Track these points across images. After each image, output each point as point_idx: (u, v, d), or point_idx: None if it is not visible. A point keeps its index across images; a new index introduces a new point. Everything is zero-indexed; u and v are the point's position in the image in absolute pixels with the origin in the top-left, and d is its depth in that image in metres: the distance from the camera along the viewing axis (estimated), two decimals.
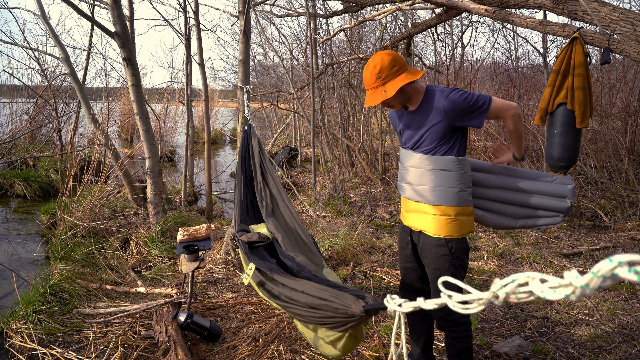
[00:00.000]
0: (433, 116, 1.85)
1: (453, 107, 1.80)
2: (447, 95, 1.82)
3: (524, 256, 3.95)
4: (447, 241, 1.89)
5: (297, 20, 19.55)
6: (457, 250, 1.90)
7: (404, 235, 2.10)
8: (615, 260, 0.53)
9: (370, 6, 5.13)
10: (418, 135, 1.92)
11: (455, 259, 1.91)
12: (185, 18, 5.93)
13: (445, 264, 1.90)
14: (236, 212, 2.87)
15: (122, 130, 13.47)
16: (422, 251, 1.99)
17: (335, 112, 7.69)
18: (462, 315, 1.98)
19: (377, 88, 1.86)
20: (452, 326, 1.98)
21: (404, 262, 2.14)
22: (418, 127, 1.92)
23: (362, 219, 4.96)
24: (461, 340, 1.99)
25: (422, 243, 1.98)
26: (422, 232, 1.97)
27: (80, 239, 4.06)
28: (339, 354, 1.79)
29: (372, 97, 1.88)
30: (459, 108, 1.80)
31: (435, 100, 1.85)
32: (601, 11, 2.68)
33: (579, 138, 2.61)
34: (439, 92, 1.85)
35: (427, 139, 1.89)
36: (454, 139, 1.88)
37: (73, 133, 7.24)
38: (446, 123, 1.83)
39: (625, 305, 3.05)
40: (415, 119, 1.93)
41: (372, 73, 1.86)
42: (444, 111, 1.82)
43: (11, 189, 6.88)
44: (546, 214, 2.06)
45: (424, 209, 1.93)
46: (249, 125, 3.08)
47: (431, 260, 1.94)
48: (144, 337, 2.66)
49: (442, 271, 1.91)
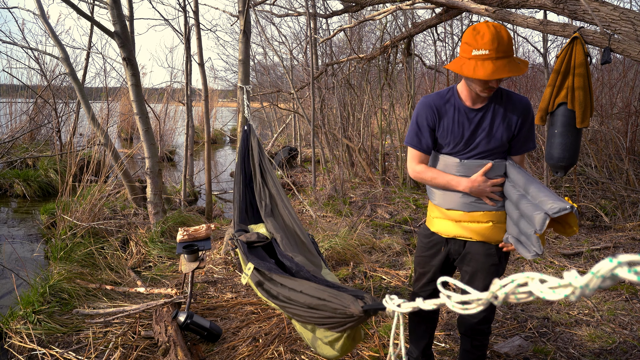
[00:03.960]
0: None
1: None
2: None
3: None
4: (497, 249, 1.84)
5: (297, 20, 19.56)
6: (502, 257, 1.87)
7: (435, 244, 1.97)
8: (615, 261, 0.52)
9: (370, 6, 5.13)
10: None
11: (501, 268, 1.88)
12: (185, 18, 5.93)
13: (495, 272, 1.85)
14: (235, 212, 2.87)
15: (122, 130, 13.47)
16: (464, 259, 1.90)
17: (335, 112, 7.68)
18: (489, 324, 1.96)
19: (511, 58, 1.60)
20: (478, 334, 1.96)
21: (426, 270, 2.02)
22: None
23: (362, 219, 4.96)
24: (480, 348, 1.99)
25: (466, 251, 1.88)
26: (468, 241, 1.87)
27: (79, 239, 4.06)
28: (337, 355, 1.79)
29: (506, 67, 1.58)
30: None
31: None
32: (602, 11, 2.67)
33: (579, 138, 2.61)
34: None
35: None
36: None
37: (73, 133, 7.23)
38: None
39: (626, 306, 3.05)
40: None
41: (509, 38, 1.59)
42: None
43: (11, 189, 6.88)
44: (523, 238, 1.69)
45: (480, 218, 1.82)
46: (249, 125, 3.07)
47: (478, 269, 1.86)
48: (143, 337, 2.66)
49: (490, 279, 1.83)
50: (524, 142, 1.82)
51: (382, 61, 6.88)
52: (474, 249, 1.85)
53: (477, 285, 1.85)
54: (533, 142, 1.84)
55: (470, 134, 1.77)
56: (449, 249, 1.93)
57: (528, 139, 1.82)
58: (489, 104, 1.77)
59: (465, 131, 1.77)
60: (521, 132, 1.79)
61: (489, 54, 1.57)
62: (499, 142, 1.77)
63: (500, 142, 1.77)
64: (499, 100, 1.77)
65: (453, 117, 1.79)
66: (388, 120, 7.59)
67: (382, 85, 6.94)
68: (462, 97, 1.79)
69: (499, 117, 1.76)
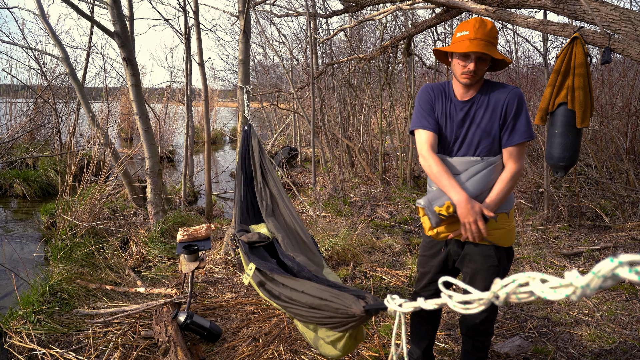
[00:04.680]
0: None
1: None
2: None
3: (524, 256, 3.94)
4: (496, 250, 1.83)
5: (297, 20, 19.56)
6: (502, 258, 1.86)
7: (435, 244, 1.98)
8: (615, 261, 0.52)
9: (370, 6, 5.13)
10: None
11: (502, 269, 1.86)
12: (185, 18, 5.93)
13: (494, 273, 1.84)
14: (236, 212, 2.87)
15: (122, 130, 13.47)
16: (463, 261, 1.90)
17: (335, 112, 7.69)
18: (491, 325, 1.95)
19: (490, 45, 1.71)
20: (480, 335, 1.95)
21: (426, 270, 2.03)
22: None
23: (362, 219, 4.96)
24: (482, 350, 1.98)
25: (465, 252, 1.88)
26: (466, 242, 1.86)
27: (79, 239, 4.06)
28: (339, 354, 1.79)
29: (481, 45, 1.69)
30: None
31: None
32: (602, 11, 2.67)
33: (580, 138, 2.61)
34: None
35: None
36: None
37: (72, 133, 7.23)
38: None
39: (626, 306, 3.05)
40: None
41: (493, 29, 1.71)
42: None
43: (11, 189, 6.88)
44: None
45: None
46: (249, 125, 3.07)
47: (477, 270, 1.86)
48: (143, 337, 2.66)
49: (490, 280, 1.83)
50: (510, 132, 1.76)
51: (382, 61, 6.88)
52: (472, 251, 1.85)
53: (477, 287, 1.84)
54: (522, 135, 1.75)
55: (457, 125, 1.82)
56: (448, 250, 1.94)
57: (515, 129, 1.75)
58: (476, 96, 1.81)
59: (454, 121, 1.83)
60: (507, 121, 1.76)
61: (468, 35, 1.71)
62: (485, 133, 1.77)
63: (486, 132, 1.77)
64: (486, 91, 1.81)
65: (444, 106, 1.86)
66: (388, 120, 7.59)
67: (382, 85, 6.94)
68: (455, 91, 1.87)
69: (483, 107, 1.79)
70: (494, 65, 1.85)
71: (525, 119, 1.76)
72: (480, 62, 1.73)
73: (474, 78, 1.75)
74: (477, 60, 1.72)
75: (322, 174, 7.14)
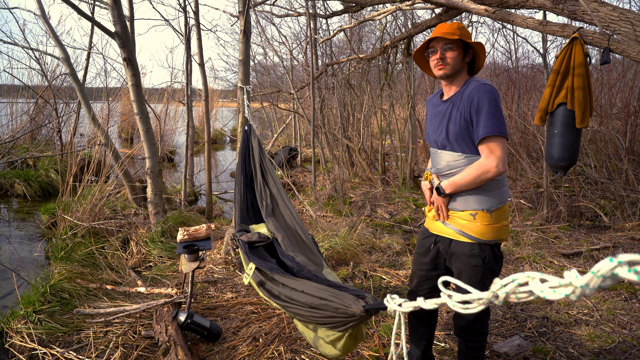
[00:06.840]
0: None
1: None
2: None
3: (523, 256, 3.95)
4: (481, 249, 1.82)
5: (297, 20, 19.57)
6: (488, 258, 1.85)
7: (426, 241, 2.02)
8: (615, 260, 0.53)
9: (370, 6, 5.13)
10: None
11: (488, 269, 1.85)
12: (185, 18, 5.93)
13: (479, 274, 1.84)
14: (236, 212, 2.87)
15: (122, 130, 13.47)
16: (451, 259, 1.91)
17: (335, 112, 7.69)
18: (483, 325, 1.95)
19: (451, 34, 1.80)
20: (471, 334, 1.95)
21: (418, 267, 2.06)
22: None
23: (362, 219, 4.96)
24: (476, 350, 1.97)
25: (452, 251, 1.90)
26: (454, 240, 1.88)
27: (80, 239, 4.06)
28: (339, 354, 1.80)
29: (440, 34, 1.80)
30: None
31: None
32: (601, 11, 2.68)
33: (579, 138, 2.62)
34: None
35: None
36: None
37: (73, 133, 7.24)
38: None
39: (625, 305, 3.06)
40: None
41: (452, 25, 1.82)
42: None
43: (11, 189, 6.88)
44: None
45: (460, 214, 1.86)
46: (249, 125, 3.08)
47: (462, 270, 1.86)
48: (144, 337, 2.66)
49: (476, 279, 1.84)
50: (475, 128, 1.75)
51: (382, 61, 6.89)
52: (458, 249, 1.86)
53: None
54: (483, 130, 1.71)
55: (437, 123, 1.92)
56: (437, 248, 1.96)
57: (478, 125, 1.73)
58: (455, 94, 1.87)
59: (435, 120, 1.94)
60: (472, 117, 1.75)
61: (432, 34, 1.87)
62: (457, 129, 1.81)
63: (459, 128, 1.80)
64: (464, 90, 1.84)
65: (432, 110, 2.00)
66: (388, 121, 7.60)
67: (382, 85, 6.95)
68: (443, 91, 1.98)
69: (457, 105, 1.83)
70: (477, 60, 1.91)
71: (488, 114, 1.72)
72: (448, 51, 1.81)
73: (446, 67, 1.82)
74: (443, 50, 1.81)
75: (322, 174, 7.14)
